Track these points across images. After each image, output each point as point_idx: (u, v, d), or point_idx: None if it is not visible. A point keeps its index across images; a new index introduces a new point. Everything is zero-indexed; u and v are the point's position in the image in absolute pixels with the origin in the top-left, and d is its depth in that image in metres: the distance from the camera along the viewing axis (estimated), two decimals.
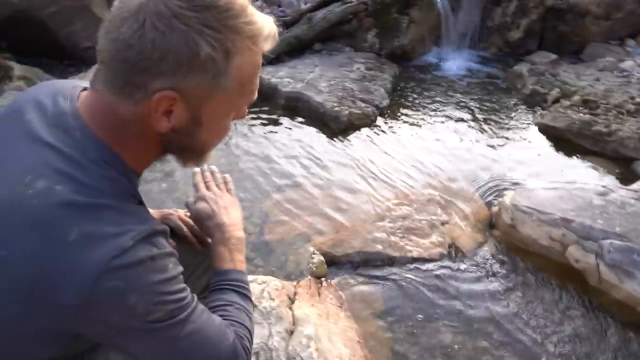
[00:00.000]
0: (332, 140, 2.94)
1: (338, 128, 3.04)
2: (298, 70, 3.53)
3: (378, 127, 3.12)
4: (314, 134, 3.01)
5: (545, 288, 1.98)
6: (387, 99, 3.38)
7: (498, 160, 2.84)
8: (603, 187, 2.35)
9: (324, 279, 1.93)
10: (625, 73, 3.70)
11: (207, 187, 1.05)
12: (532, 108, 3.44)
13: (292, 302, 1.71)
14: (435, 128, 3.17)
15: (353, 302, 1.86)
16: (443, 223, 2.28)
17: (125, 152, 0.72)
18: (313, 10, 4.00)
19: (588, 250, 1.98)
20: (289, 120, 3.14)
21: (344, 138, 2.97)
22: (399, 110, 3.35)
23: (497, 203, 2.36)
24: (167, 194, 2.34)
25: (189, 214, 1.05)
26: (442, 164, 2.75)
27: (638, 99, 3.22)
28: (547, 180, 2.58)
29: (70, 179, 0.67)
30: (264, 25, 0.71)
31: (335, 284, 1.93)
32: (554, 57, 3.94)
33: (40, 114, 0.73)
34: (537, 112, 3.37)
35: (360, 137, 3.01)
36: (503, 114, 3.38)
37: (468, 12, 4.25)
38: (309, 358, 1.46)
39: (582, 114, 3.08)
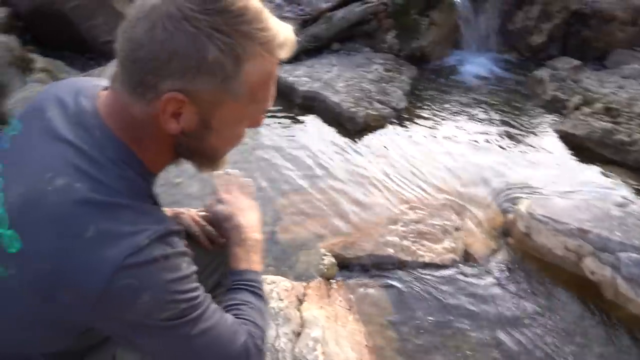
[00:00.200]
0: (347, 141, 2.93)
1: (354, 129, 3.02)
2: (315, 70, 3.52)
3: (394, 129, 3.09)
4: (330, 134, 3.00)
5: (559, 299, 1.95)
6: (404, 101, 3.35)
7: (515, 167, 2.79)
8: (622, 198, 2.30)
9: (334, 281, 1.92)
10: None
11: (227, 190, 1.06)
12: (552, 114, 3.38)
13: (300, 303, 1.71)
14: (452, 132, 3.13)
15: (362, 305, 1.85)
16: (456, 229, 2.26)
17: (142, 152, 0.73)
18: (332, 10, 3.98)
19: (604, 263, 1.94)
20: (305, 120, 3.13)
21: (360, 139, 2.95)
22: (416, 113, 3.32)
23: (512, 210, 2.32)
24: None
25: (206, 215, 1.07)
26: (457, 169, 2.72)
27: None
28: (564, 189, 2.53)
29: (89, 177, 0.68)
30: (279, 33, 0.71)
31: (345, 287, 1.92)
32: (577, 63, 3.84)
33: (62, 112, 0.74)
34: (557, 119, 3.31)
35: (376, 138, 2.98)
36: (522, 120, 3.33)
37: (489, 15, 4.20)
38: None
39: (603, 122, 3.01)
